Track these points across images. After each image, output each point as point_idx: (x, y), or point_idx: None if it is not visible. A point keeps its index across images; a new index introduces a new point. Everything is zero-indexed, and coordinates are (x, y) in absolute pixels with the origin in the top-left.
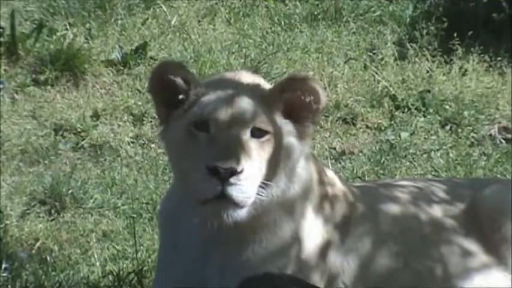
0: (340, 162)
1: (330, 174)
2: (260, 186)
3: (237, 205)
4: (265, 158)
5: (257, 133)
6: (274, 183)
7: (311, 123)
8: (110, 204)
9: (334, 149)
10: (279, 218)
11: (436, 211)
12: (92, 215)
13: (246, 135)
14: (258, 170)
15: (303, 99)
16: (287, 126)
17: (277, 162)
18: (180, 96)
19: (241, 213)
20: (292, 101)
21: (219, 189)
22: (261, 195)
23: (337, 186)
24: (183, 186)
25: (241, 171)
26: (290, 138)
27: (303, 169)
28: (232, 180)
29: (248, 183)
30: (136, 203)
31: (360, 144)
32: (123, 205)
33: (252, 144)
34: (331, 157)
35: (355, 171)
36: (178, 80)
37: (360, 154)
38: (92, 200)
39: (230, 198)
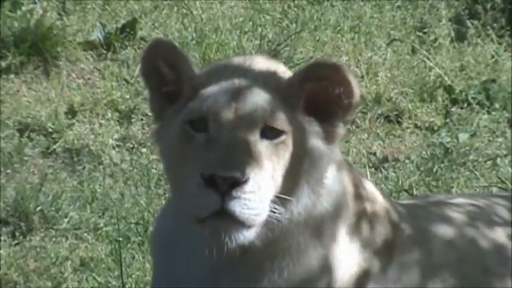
0: (381, 171)
1: (369, 186)
2: (273, 202)
3: (241, 224)
4: (280, 165)
5: (270, 133)
6: (294, 198)
7: (342, 123)
8: (90, 224)
9: (374, 154)
10: (304, 242)
11: (501, 236)
12: (66, 239)
13: (255, 136)
14: (271, 180)
15: (331, 92)
16: (311, 126)
17: (298, 170)
18: (165, 89)
19: (248, 235)
20: (317, 94)
21: (218, 204)
22: (275, 212)
23: (378, 202)
24: (180, 201)
25: (246, 182)
26: (314, 141)
27: (334, 180)
28: (234, 192)
29: (256, 197)
30: (123, 223)
31: (407, 148)
32: (106, 226)
33: (263, 148)
34: (371, 165)
35: (400, 182)
36: (164, 68)
37: (407, 161)
38: (66, 220)
39: (232, 215)
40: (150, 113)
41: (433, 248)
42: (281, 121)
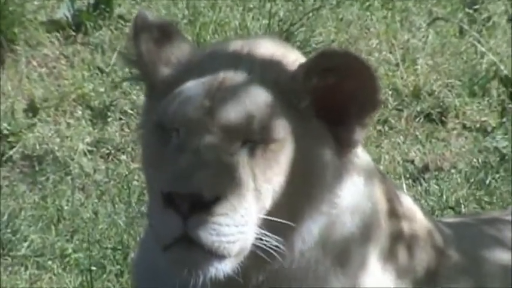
0: (421, 183)
1: (407, 202)
2: (262, 227)
3: (211, 254)
4: (269, 181)
5: (256, 140)
6: (295, 222)
7: (358, 126)
8: (55, 250)
9: (412, 162)
10: (324, 271)
11: None
12: (26, 268)
13: (233, 143)
14: (253, 199)
15: (344, 88)
16: (318, 131)
17: (298, 187)
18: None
19: (221, 268)
20: (327, 90)
21: (179, 229)
22: (264, 240)
23: (418, 221)
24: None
25: (215, 202)
26: (320, 150)
27: (360, 195)
28: (198, 215)
29: (229, 221)
30: (97, 249)
31: (453, 154)
32: (75, 252)
33: (244, 158)
34: (408, 175)
35: (444, 197)
36: (140, 50)
37: (453, 170)
38: (25, 244)
39: (198, 243)
40: (129, 111)
41: (486, 279)
42: (275, 127)
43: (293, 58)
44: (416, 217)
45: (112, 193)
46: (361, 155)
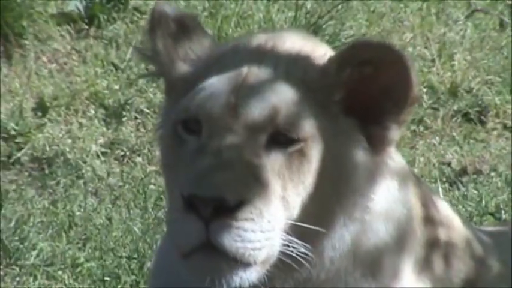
0: (458, 188)
1: (443, 208)
2: (289, 233)
3: (235, 262)
4: (297, 183)
5: (282, 140)
6: (326, 228)
7: (394, 124)
8: (66, 259)
9: (449, 165)
10: (354, 282)
11: None
12: (35, 278)
13: (257, 143)
14: (280, 203)
15: (378, 83)
16: (349, 129)
17: (328, 190)
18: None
19: (246, 276)
20: (360, 86)
21: (201, 235)
22: (291, 246)
23: (456, 228)
24: (167, 227)
25: (239, 206)
26: (352, 150)
27: (392, 200)
28: (222, 220)
29: (255, 227)
30: (111, 258)
31: (493, 156)
32: (87, 261)
33: (269, 159)
34: (444, 179)
35: (484, 203)
36: (157, 45)
37: (493, 174)
38: (34, 253)
39: (221, 250)
40: (146, 109)
41: None
42: (301, 125)
43: (321, 53)
44: (453, 224)
45: (127, 198)
46: (394, 157)
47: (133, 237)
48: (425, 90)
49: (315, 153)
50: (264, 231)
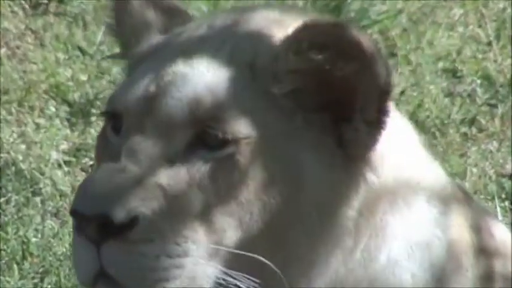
0: None
1: (501, 233)
2: (231, 264)
3: None
4: (229, 199)
5: (209, 141)
6: (294, 264)
7: (363, 124)
8: None
9: (510, 177)
10: None
11: None
12: None
13: (173, 143)
14: (200, 222)
15: (338, 72)
16: (308, 129)
17: (285, 209)
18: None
19: None
20: (318, 74)
21: (94, 262)
22: (236, 285)
23: None
24: None
25: (129, 224)
26: (314, 155)
27: (419, 224)
28: (110, 243)
29: (157, 249)
30: None
31: None
32: None
33: (186, 167)
34: (503, 195)
35: None
36: (121, 15)
37: None
38: None
39: (117, 281)
40: None
41: None
42: (233, 122)
43: (295, 36)
44: None
45: None
46: (423, 166)
47: None
48: (478, 81)
49: (253, 161)
50: (171, 256)
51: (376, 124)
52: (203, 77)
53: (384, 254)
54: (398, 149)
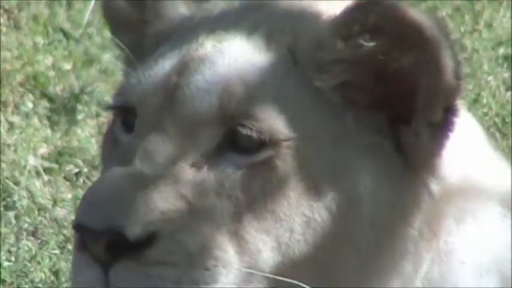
0: None
1: None
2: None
3: None
4: (266, 213)
5: (242, 143)
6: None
7: (425, 127)
8: None
9: None
10: None
11: None
12: None
13: (199, 145)
14: (230, 240)
15: (396, 63)
16: (362, 130)
17: (333, 226)
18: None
19: None
20: (373, 64)
21: (100, 286)
22: None
23: None
24: None
25: (147, 242)
26: (368, 162)
27: (498, 242)
28: (122, 264)
29: (178, 273)
30: None
31: None
32: None
33: (214, 173)
34: None
35: None
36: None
37: None
38: None
39: None
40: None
41: None
42: (272, 120)
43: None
44: None
45: None
46: (494, 174)
47: None
48: None
49: (295, 167)
50: (197, 282)
51: (442, 126)
52: (235, 63)
53: (449, 283)
54: (466, 153)
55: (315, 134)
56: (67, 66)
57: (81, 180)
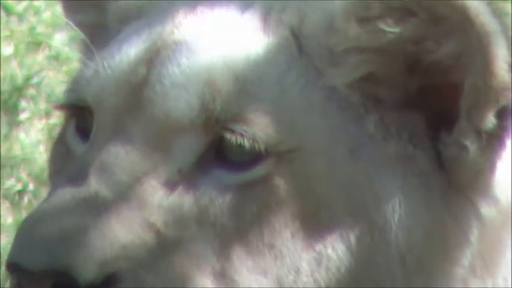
0: None
1: None
2: None
3: None
4: (261, 247)
5: (231, 155)
6: None
7: (471, 136)
8: None
9: None
10: None
11: None
12: None
13: (174, 157)
14: (213, 281)
15: (433, 55)
16: (388, 137)
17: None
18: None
19: None
20: (398, 55)
21: None
22: None
23: None
24: None
25: (106, 285)
26: (397, 180)
27: None
28: None
29: None
30: None
31: None
32: None
33: (194, 196)
34: None
35: None
36: None
37: None
38: None
39: None
40: None
41: None
42: (270, 125)
43: None
44: None
45: None
46: None
47: None
48: None
49: (300, 188)
50: None
51: (494, 135)
52: (222, 51)
53: None
54: None
55: (326, 144)
56: (7, 49)
57: (26, 200)
